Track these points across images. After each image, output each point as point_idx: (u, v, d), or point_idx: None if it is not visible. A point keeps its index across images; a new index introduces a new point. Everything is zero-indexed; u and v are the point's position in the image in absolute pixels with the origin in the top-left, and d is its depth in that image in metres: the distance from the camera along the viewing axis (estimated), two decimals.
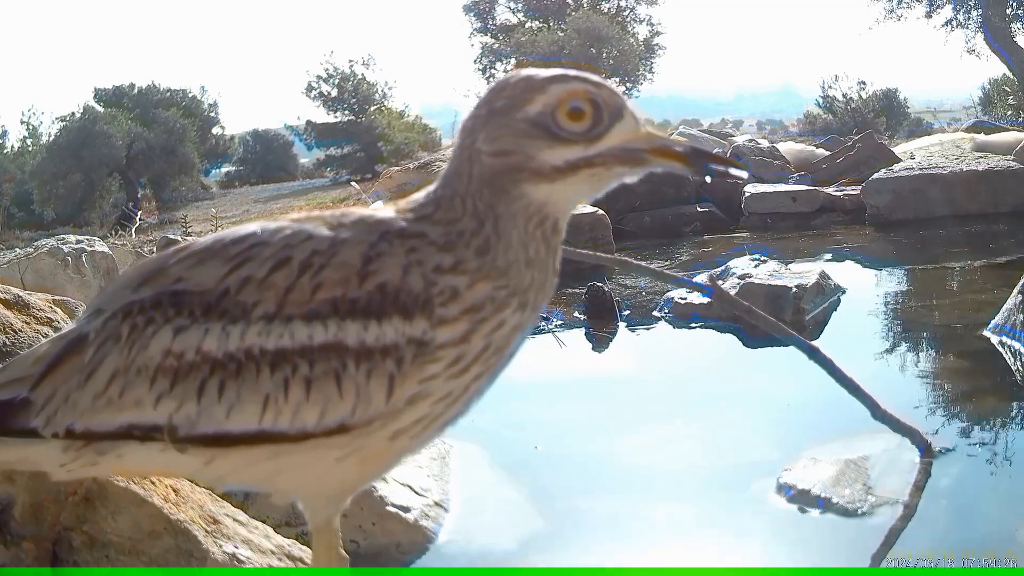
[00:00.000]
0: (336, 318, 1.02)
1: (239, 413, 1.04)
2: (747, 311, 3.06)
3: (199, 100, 22.68)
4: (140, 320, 1.07)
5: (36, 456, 1.15)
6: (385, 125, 19.68)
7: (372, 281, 1.02)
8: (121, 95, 20.44)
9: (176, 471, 1.24)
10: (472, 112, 1.09)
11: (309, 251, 1.04)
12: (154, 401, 1.05)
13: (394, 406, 1.04)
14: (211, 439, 1.05)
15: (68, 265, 4.50)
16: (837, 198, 7.46)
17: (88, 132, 17.18)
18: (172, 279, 1.08)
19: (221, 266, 1.06)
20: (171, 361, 1.05)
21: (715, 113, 68.39)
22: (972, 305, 4.35)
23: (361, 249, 1.04)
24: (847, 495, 2.31)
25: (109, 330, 1.09)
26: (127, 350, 1.07)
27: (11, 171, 19.16)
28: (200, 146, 20.60)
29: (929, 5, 15.90)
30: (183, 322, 1.05)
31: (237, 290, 1.04)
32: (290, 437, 1.04)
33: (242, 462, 1.09)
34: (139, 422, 1.06)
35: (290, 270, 1.04)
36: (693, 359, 4.03)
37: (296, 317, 1.02)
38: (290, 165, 24.00)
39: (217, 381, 1.04)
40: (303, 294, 1.02)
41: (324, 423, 1.03)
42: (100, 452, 1.11)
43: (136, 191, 18.25)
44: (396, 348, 1.02)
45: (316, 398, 1.02)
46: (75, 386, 1.09)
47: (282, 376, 1.02)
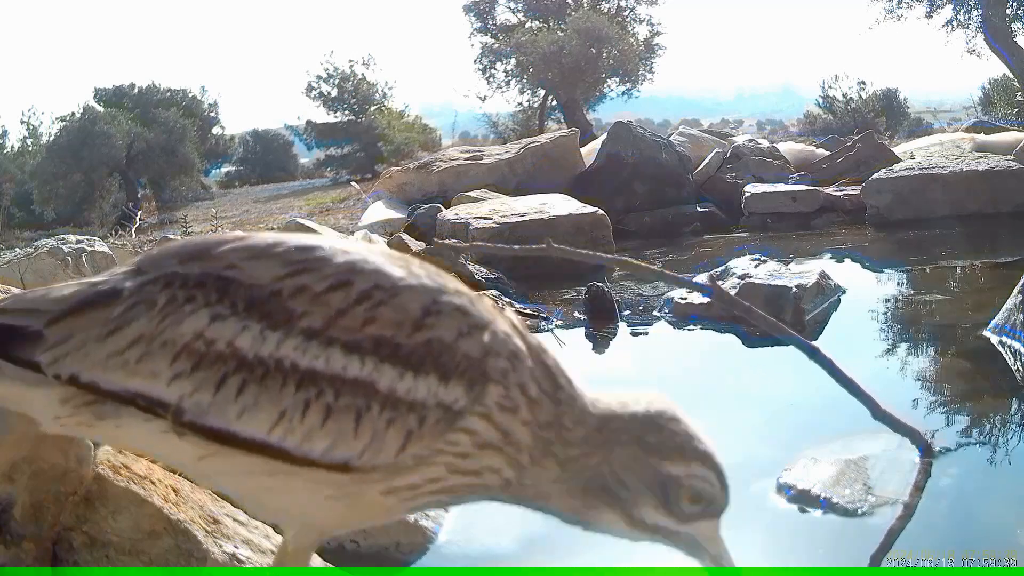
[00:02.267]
0: (375, 357, 1.01)
1: (251, 418, 1.03)
2: (747, 311, 3.06)
3: (199, 100, 22.71)
4: (180, 294, 1.06)
5: (32, 398, 1.12)
6: (385, 125, 19.70)
7: (424, 334, 1.03)
8: (121, 95, 20.45)
9: (169, 458, 1.21)
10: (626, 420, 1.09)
11: (372, 283, 1.04)
12: (170, 378, 1.04)
13: (401, 462, 1.03)
14: (215, 434, 1.04)
15: (68, 265, 4.50)
16: (837, 198, 7.46)
17: (88, 132, 17.18)
18: (224, 264, 1.07)
19: (279, 266, 1.06)
20: (199, 345, 1.04)
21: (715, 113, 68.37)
22: (972, 305, 4.35)
23: (424, 301, 1.05)
24: (847, 495, 2.31)
25: (145, 294, 1.07)
26: (158, 319, 1.05)
27: (11, 171, 19.17)
28: (200, 146, 20.60)
29: (929, 5, 15.88)
30: (223, 310, 1.04)
31: (289, 295, 1.03)
32: (292, 458, 1.03)
33: (236, 467, 1.07)
34: (148, 393, 1.05)
35: (347, 294, 1.03)
36: (693, 359, 4.02)
37: (337, 343, 1.02)
38: (290, 165, 24.02)
39: (239, 380, 1.03)
40: (353, 322, 1.02)
41: (330, 456, 1.02)
42: (99, 416, 1.09)
43: (136, 191, 18.25)
44: (423, 406, 1.02)
45: (330, 428, 1.02)
46: (94, 337, 1.07)
47: (304, 396, 1.02)
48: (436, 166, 8.84)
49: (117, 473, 1.62)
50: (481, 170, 8.55)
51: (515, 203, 6.59)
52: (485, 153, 9.29)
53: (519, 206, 6.41)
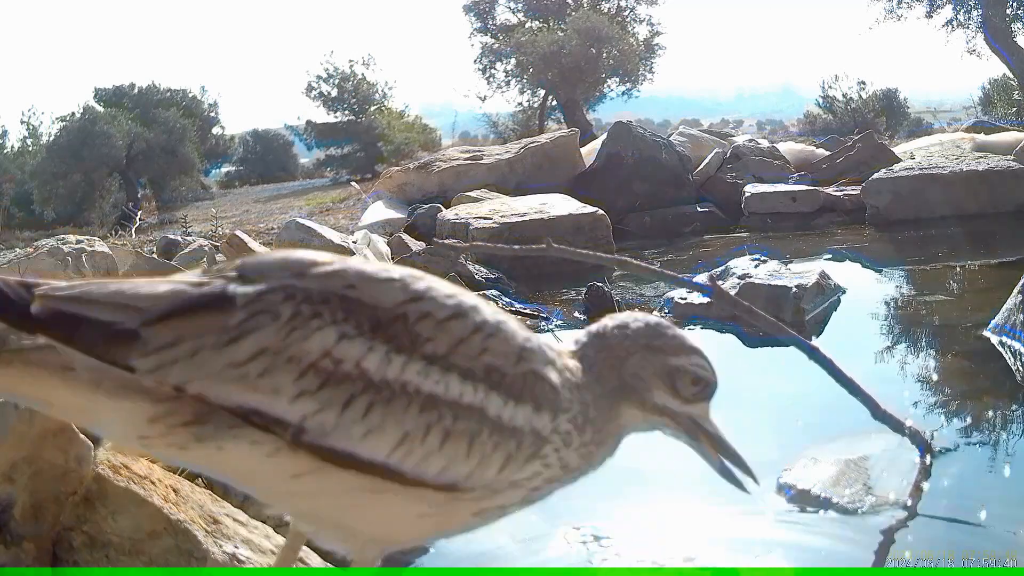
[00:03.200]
0: (486, 385, 1.07)
1: (374, 440, 1.03)
2: (747, 311, 3.06)
3: (199, 100, 22.71)
4: (306, 309, 1.03)
5: (108, 410, 1.03)
6: (385, 125, 19.70)
7: (523, 366, 1.11)
8: (121, 95, 20.46)
9: (260, 479, 1.11)
10: (634, 334, 1.26)
11: (480, 318, 1.11)
12: (294, 395, 1.01)
13: (499, 483, 1.10)
14: (333, 454, 1.02)
15: (68, 265, 4.50)
16: (837, 198, 7.46)
17: (88, 132, 17.18)
18: (344, 283, 1.06)
19: (402, 292, 1.07)
20: (327, 363, 1.01)
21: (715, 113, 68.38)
22: (972, 305, 4.35)
23: (519, 338, 1.14)
24: (847, 495, 2.31)
25: (266, 304, 1.03)
26: (284, 333, 1.01)
27: (11, 171, 19.17)
28: (200, 146, 20.61)
29: (929, 5, 15.90)
30: (349, 330, 1.03)
31: (415, 320, 1.05)
32: (404, 479, 1.05)
33: (337, 486, 1.05)
34: (267, 410, 1.01)
35: (465, 324, 1.08)
36: None
37: (455, 369, 1.06)
38: (290, 165, 24.02)
39: (366, 401, 1.02)
40: (472, 350, 1.07)
41: (442, 477, 1.06)
42: (199, 438, 1.02)
43: (136, 191, 18.25)
44: (521, 432, 1.09)
45: (447, 451, 1.05)
46: (209, 345, 1.00)
47: (427, 420, 1.04)
48: (436, 166, 8.83)
49: (117, 473, 1.62)
50: (481, 170, 8.55)
51: (515, 203, 6.59)
52: (485, 153, 9.29)
53: (519, 206, 6.41)
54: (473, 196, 7.45)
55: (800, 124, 22.87)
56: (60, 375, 1.02)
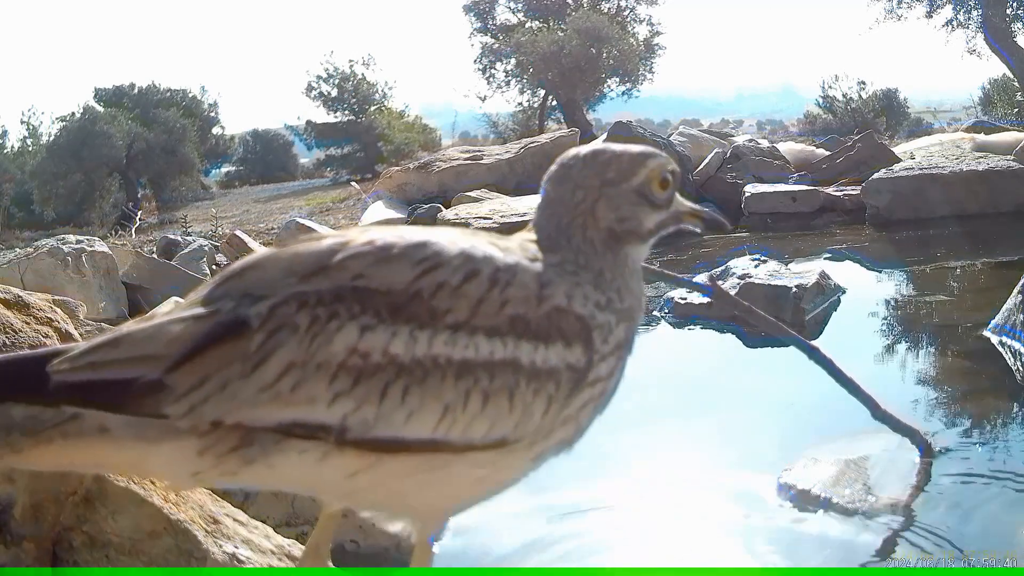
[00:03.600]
0: (513, 336, 1.06)
1: (418, 420, 1.02)
2: (747, 311, 3.07)
3: (199, 100, 22.72)
4: (322, 312, 1.02)
5: (157, 457, 1.04)
6: (385, 125, 19.71)
7: (545, 306, 1.08)
8: (121, 95, 20.47)
9: (316, 485, 1.13)
10: (578, 177, 1.20)
11: (493, 267, 1.07)
12: (330, 399, 1.01)
13: (548, 426, 1.09)
14: (380, 444, 1.02)
15: (68, 265, 4.50)
16: (837, 198, 7.46)
17: (88, 132, 17.20)
18: (351, 274, 1.04)
19: (409, 268, 1.05)
20: (355, 360, 1.01)
21: (715, 113, 68.43)
22: (972, 305, 4.35)
23: (536, 272, 1.10)
24: (847, 495, 2.31)
25: (282, 318, 1.02)
26: (307, 342, 1.01)
27: (11, 171, 19.18)
28: (200, 146, 20.62)
29: (929, 5, 15.90)
30: (369, 321, 1.02)
31: (431, 295, 1.04)
32: (455, 448, 1.05)
33: (395, 472, 1.06)
34: (307, 420, 1.01)
35: (480, 282, 1.05)
36: (693, 359, 4.03)
37: (480, 330, 1.04)
38: (290, 165, 24.03)
39: (402, 385, 1.02)
40: (493, 307, 1.05)
41: (490, 436, 1.06)
42: (247, 460, 1.03)
43: (136, 191, 18.27)
44: (557, 372, 1.08)
45: (489, 412, 1.05)
46: (236, 374, 1.00)
47: (464, 387, 1.04)
48: (436, 166, 8.84)
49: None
50: (481, 170, 8.55)
51: (515, 203, 6.59)
52: (485, 153, 9.30)
53: (519, 206, 6.41)
54: (473, 196, 7.46)
55: (800, 124, 22.88)
56: (100, 438, 1.03)
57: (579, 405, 1.11)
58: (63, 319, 1.84)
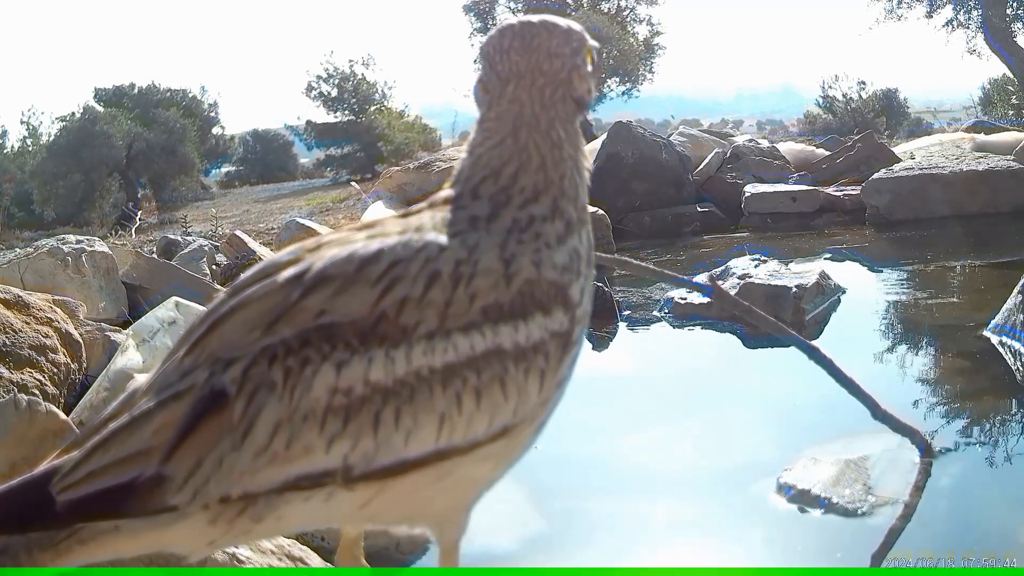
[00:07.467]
0: (490, 324, 1.04)
1: (417, 438, 1.01)
2: (747, 311, 3.07)
3: (199, 100, 22.69)
4: (293, 362, 1.00)
5: (172, 536, 1.04)
6: (385, 125, 19.69)
7: (515, 283, 1.06)
8: (121, 95, 20.44)
9: (333, 520, 1.14)
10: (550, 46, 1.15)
11: (453, 262, 1.04)
12: (326, 445, 1.00)
13: (545, 398, 1.08)
14: (387, 471, 1.02)
15: (68, 265, 4.50)
16: (837, 198, 7.46)
17: (88, 132, 17.17)
18: (312, 313, 1.02)
19: (368, 291, 1.02)
20: (340, 399, 1.00)
21: (715, 113, 68.41)
22: (972, 305, 4.35)
23: (496, 251, 1.07)
24: (847, 495, 2.31)
25: (257, 378, 1.00)
26: (288, 396, 0.99)
27: (11, 171, 19.16)
28: (200, 146, 20.59)
29: (929, 5, 15.90)
30: (342, 356, 1.00)
31: (396, 313, 1.01)
32: (461, 450, 1.04)
33: (407, 490, 1.05)
34: (309, 471, 1.00)
35: (443, 285, 1.03)
36: (693, 359, 4.03)
37: (455, 330, 1.02)
38: (290, 165, 24.01)
39: (393, 410, 1.00)
40: (462, 306, 1.03)
41: (492, 428, 1.05)
42: (257, 519, 1.03)
43: (136, 191, 18.25)
44: (543, 344, 1.06)
45: (485, 406, 1.04)
46: (229, 448, 0.99)
47: (454, 391, 1.02)
48: (436, 166, 8.83)
49: None
50: None
51: None
52: None
53: None
54: None
55: (800, 124, 22.84)
56: (115, 535, 1.03)
57: (569, 362, 1.11)
58: (63, 319, 1.84)
